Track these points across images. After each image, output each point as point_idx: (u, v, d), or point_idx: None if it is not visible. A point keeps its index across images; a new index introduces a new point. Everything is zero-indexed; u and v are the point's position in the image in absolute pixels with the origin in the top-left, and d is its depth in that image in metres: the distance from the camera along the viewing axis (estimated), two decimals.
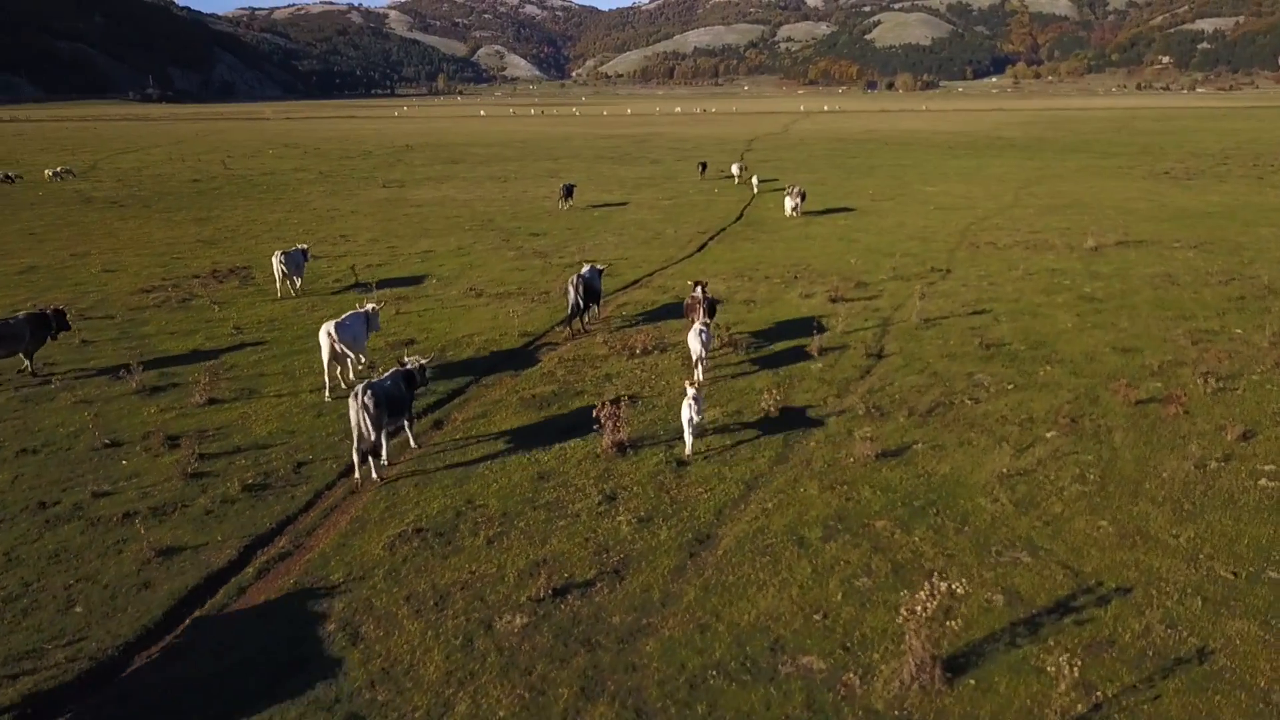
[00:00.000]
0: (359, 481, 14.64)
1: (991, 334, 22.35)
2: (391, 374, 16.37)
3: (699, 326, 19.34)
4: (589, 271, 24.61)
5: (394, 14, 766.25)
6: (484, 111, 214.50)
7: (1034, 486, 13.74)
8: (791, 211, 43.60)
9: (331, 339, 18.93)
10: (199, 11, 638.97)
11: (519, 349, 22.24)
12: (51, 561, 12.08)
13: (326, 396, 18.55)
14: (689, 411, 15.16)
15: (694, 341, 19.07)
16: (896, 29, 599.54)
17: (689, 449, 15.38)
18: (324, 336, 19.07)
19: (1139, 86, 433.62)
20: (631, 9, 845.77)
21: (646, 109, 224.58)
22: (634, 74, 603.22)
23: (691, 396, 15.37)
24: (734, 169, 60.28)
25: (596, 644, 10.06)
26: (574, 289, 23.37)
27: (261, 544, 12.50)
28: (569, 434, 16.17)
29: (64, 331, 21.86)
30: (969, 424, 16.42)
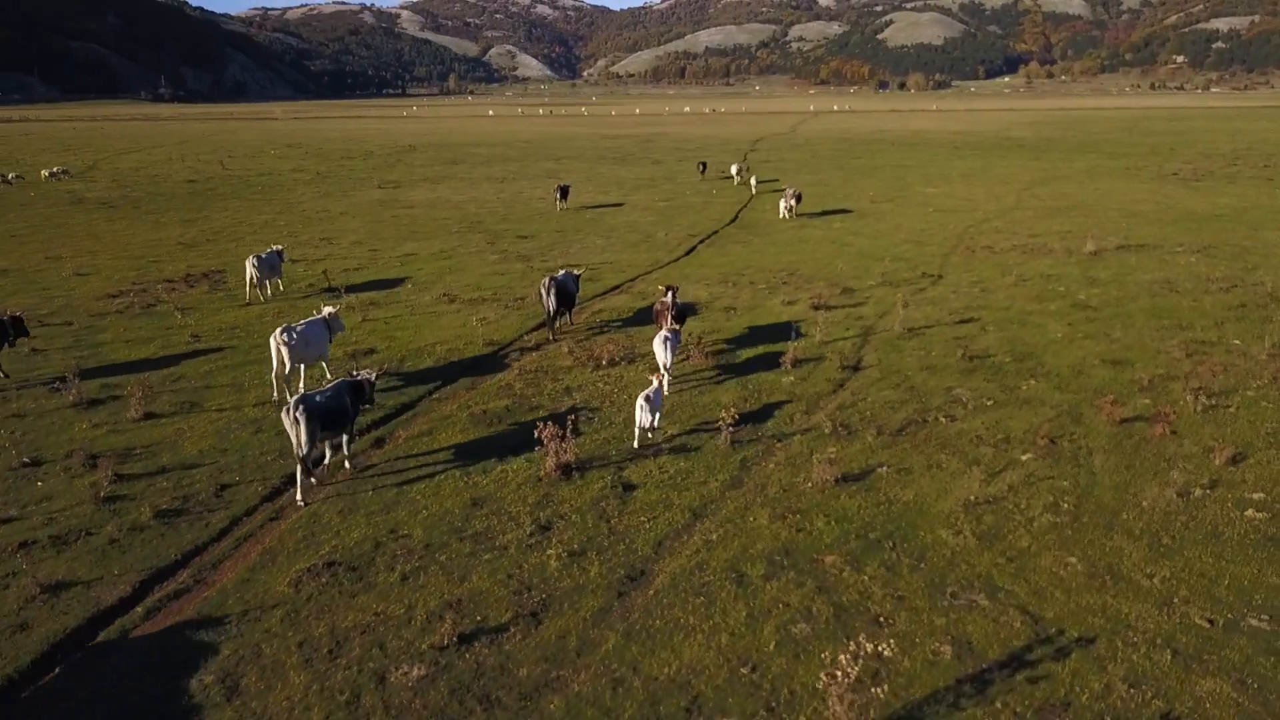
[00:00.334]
0: (299, 498, 13.87)
1: (977, 344, 21.31)
2: (335, 385, 15.51)
3: (665, 333, 18.68)
4: (563, 275, 23.80)
5: (406, 14, 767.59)
6: (492, 111, 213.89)
7: (1002, 517, 12.71)
8: (785, 214, 42.60)
9: (281, 347, 18.13)
10: (211, 11, 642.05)
11: (482, 359, 21.31)
12: None
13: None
14: (641, 412, 15.33)
15: (659, 348, 18.44)
16: (909, 29, 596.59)
17: (636, 441, 15.59)
18: (273, 344, 18.29)
19: (1153, 86, 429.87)
20: (643, 9, 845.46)
21: (655, 109, 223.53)
22: (645, 74, 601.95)
23: (644, 395, 15.30)
24: (733, 170, 59.34)
25: (496, 701, 9.08)
26: (545, 292, 22.58)
27: (161, 578, 11.56)
28: (515, 454, 15.22)
29: (22, 338, 21.12)
30: (941, 444, 15.40)
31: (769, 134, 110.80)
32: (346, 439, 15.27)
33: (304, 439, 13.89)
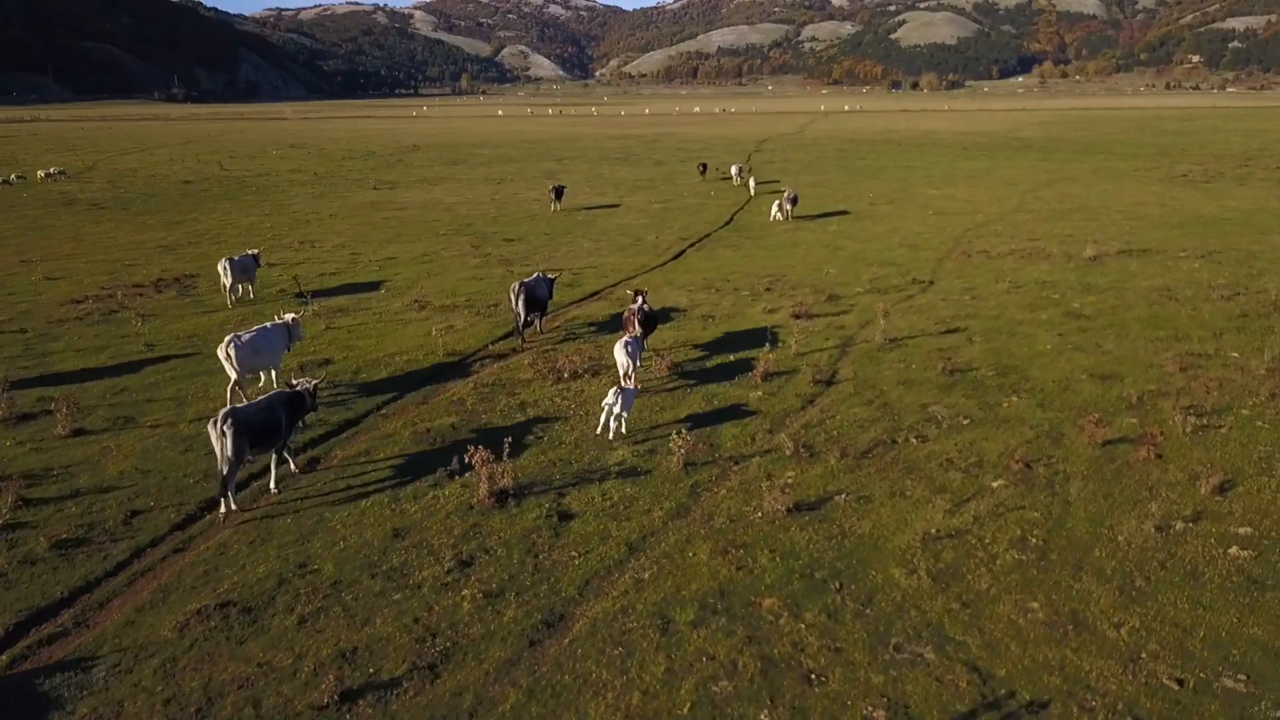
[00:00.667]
0: (223, 517, 13.11)
1: (960, 357, 20.26)
2: (268, 397, 14.62)
3: (626, 339, 18.09)
4: (534, 279, 22.93)
5: (419, 14, 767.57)
6: (501, 111, 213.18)
7: (963, 553, 11.67)
8: (778, 216, 41.53)
9: (228, 356, 17.35)
10: (225, 12, 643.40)
11: (442, 370, 20.38)
12: None
13: None
14: (611, 397, 15.73)
15: (620, 355, 17.78)
16: (922, 28, 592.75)
17: (600, 429, 16.03)
18: (220, 353, 17.51)
19: (1168, 86, 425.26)
20: (655, 9, 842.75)
21: (665, 109, 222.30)
22: (658, 74, 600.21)
23: (614, 391, 15.68)
24: (733, 170, 58.34)
25: None
26: (515, 298, 21.73)
27: (41, 619, 10.65)
28: (452, 478, 14.25)
29: None
30: (908, 469, 14.37)
31: (776, 134, 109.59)
32: (275, 457, 14.39)
33: (229, 454, 13.05)
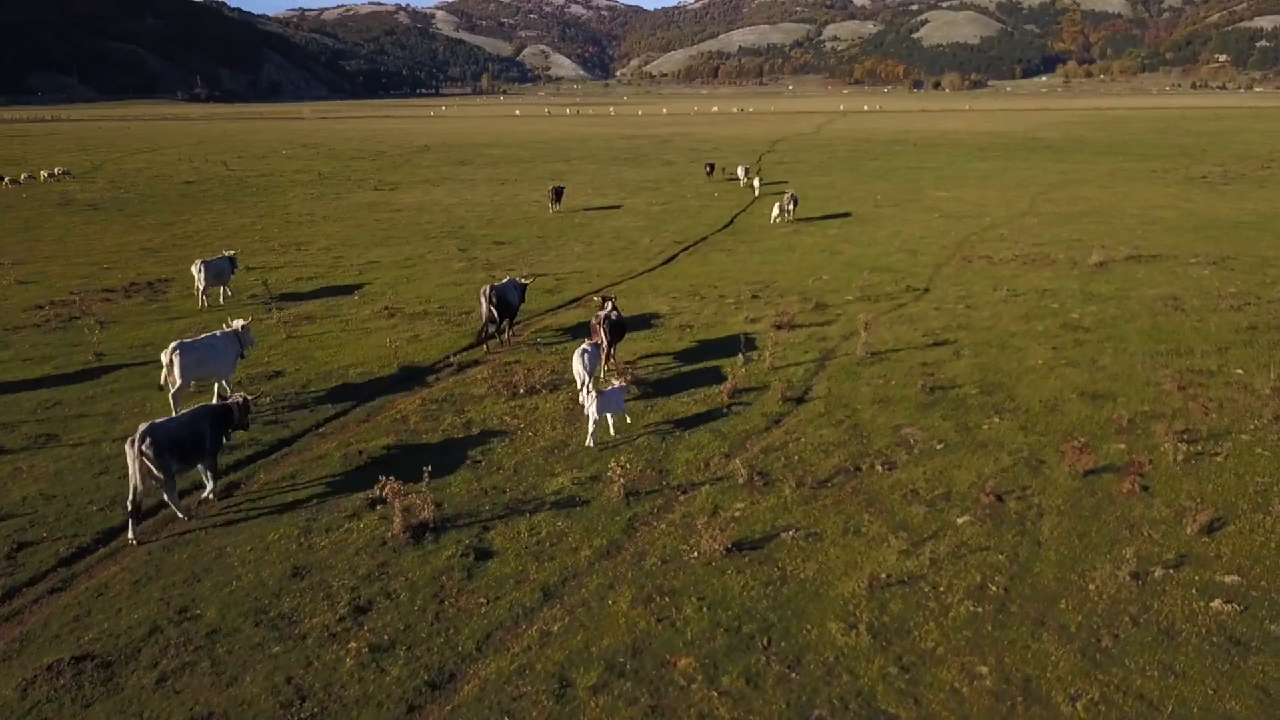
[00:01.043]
0: (133, 542, 12.20)
1: (944, 372, 19.01)
2: (192, 411, 13.66)
3: (585, 346, 17.07)
4: (506, 282, 22.01)
5: (441, 14, 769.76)
6: (519, 111, 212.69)
7: (912, 604, 10.46)
8: (778, 219, 40.31)
9: (172, 363, 16.44)
10: (249, 13, 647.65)
11: (397, 383, 19.32)
12: None
13: None
14: (588, 405, 15.39)
15: (577, 364, 16.77)
16: (944, 28, 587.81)
17: (589, 440, 15.49)
18: (164, 359, 16.62)
19: (1194, 86, 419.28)
20: (676, 8, 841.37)
21: (683, 109, 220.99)
22: (679, 74, 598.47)
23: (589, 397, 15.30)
24: (740, 171, 57.28)
25: None
26: (485, 301, 20.82)
27: None
28: (373, 507, 13.18)
29: None
30: (867, 501, 13.15)
31: (792, 134, 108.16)
32: (204, 475, 13.49)
33: (146, 473, 12.14)
